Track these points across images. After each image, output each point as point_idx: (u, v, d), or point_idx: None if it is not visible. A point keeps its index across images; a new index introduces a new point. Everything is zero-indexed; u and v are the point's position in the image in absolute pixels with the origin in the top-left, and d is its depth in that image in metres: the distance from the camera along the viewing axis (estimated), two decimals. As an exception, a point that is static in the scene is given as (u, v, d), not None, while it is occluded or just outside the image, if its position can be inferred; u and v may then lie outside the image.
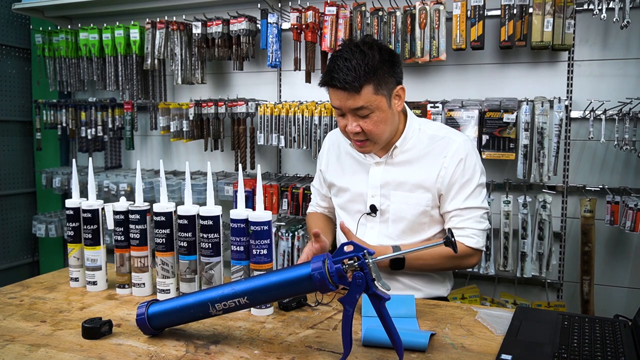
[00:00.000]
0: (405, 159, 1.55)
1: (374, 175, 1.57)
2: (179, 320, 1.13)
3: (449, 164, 1.51)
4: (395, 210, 1.55)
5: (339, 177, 1.66)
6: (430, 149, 1.54)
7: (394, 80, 1.45)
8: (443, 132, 1.57)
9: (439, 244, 1.05)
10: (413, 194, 1.53)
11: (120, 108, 3.04)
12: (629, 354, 0.99)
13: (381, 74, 1.40)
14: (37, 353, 1.06)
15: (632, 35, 2.26)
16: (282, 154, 2.91)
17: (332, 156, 1.71)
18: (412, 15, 2.38)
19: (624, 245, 2.35)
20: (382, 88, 1.41)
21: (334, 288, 0.99)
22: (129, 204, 1.41)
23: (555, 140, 2.22)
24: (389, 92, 1.44)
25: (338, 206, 1.69)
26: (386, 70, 1.41)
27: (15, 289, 1.48)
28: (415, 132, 1.56)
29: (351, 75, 1.37)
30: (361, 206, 1.59)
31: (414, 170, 1.53)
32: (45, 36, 3.09)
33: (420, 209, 1.53)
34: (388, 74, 1.42)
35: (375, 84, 1.40)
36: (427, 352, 1.05)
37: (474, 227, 1.52)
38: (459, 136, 1.57)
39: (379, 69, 1.39)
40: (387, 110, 1.44)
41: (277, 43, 2.60)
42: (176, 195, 2.81)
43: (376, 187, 1.56)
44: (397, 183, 1.54)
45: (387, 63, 1.42)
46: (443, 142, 1.54)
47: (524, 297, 2.46)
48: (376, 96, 1.41)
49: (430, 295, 1.58)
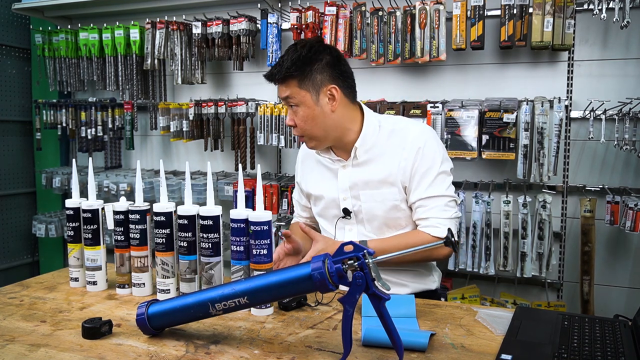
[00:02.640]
0: (369, 158, 1.56)
1: (342, 179, 1.58)
2: (179, 320, 1.12)
3: (407, 154, 1.51)
4: (366, 210, 1.56)
5: (314, 185, 1.68)
6: (390, 143, 1.55)
7: (327, 78, 1.49)
8: (401, 124, 1.59)
9: (439, 244, 1.05)
10: (380, 191, 1.54)
11: (120, 108, 3.04)
12: (629, 354, 0.99)
13: (308, 71, 1.47)
14: (37, 353, 1.06)
15: (632, 35, 2.26)
16: (282, 154, 2.91)
17: (306, 167, 1.73)
18: (412, 15, 2.38)
19: (624, 245, 2.35)
20: (306, 84, 1.47)
21: (334, 288, 0.99)
22: (129, 204, 1.41)
23: (555, 140, 2.22)
24: (316, 89, 1.48)
25: (317, 214, 1.71)
26: (317, 68, 1.47)
27: (15, 289, 1.48)
28: (375, 129, 1.56)
29: (277, 68, 1.48)
30: (336, 211, 1.61)
31: (378, 167, 1.54)
32: (45, 36, 3.09)
33: (390, 204, 1.54)
34: (318, 72, 1.47)
35: (300, 79, 1.47)
36: (427, 352, 1.05)
37: (438, 215, 1.50)
38: (417, 125, 1.58)
39: (306, 65, 1.46)
40: (314, 107, 1.49)
41: (277, 43, 2.60)
42: (176, 195, 2.81)
43: (345, 189, 1.58)
44: (363, 182, 1.55)
45: (320, 62, 1.48)
46: (401, 134, 1.55)
47: (524, 297, 2.46)
48: (300, 90, 1.48)
49: (419, 290, 1.59)
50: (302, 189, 1.75)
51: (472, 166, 2.49)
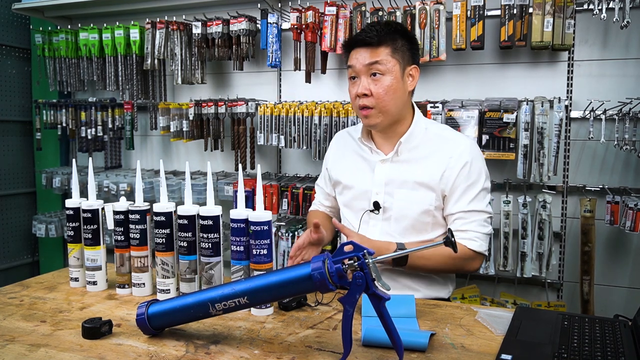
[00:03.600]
0: (411, 157, 1.56)
1: (380, 173, 1.57)
2: (179, 320, 1.13)
3: (454, 164, 1.51)
4: (398, 208, 1.55)
5: (345, 174, 1.67)
6: (436, 149, 1.55)
7: (410, 56, 1.52)
8: (450, 134, 1.60)
9: (439, 244, 1.05)
10: (417, 192, 1.53)
11: (120, 108, 3.04)
12: (629, 354, 0.99)
13: (400, 43, 1.50)
14: (37, 353, 1.06)
15: (632, 35, 2.26)
16: (282, 154, 2.91)
17: (338, 154, 1.72)
18: (412, 15, 2.38)
19: (624, 245, 2.35)
20: (398, 54, 1.50)
21: (334, 288, 0.99)
22: (129, 204, 1.41)
23: (555, 140, 2.22)
24: (404, 63, 1.51)
25: (343, 204, 1.69)
26: (405, 44, 1.51)
27: (15, 289, 1.48)
28: (422, 130, 1.57)
29: (373, 32, 1.48)
30: (365, 204, 1.60)
31: (419, 169, 1.54)
32: (45, 36, 3.09)
33: (424, 208, 1.53)
34: (406, 48, 1.51)
35: (393, 48, 1.49)
36: (427, 352, 1.05)
37: (477, 230, 1.52)
38: (466, 139, 1.59)
39: (398, 37, 1.50)
40: (399, 79, 1.50)
41: (277, 43, 2.60)
42: (176, 195, 2.81)
43: (381, 184, 1.57)
44: (401, 181, 1.55)
45: (407, 39, 1.52)
46: (451, 143, 1.55)
47: (524, 297, 2.46)
48: (392, 58, 1.48)
49: (429, 297, 1.57)
50: (331, 176, 1.73)
51: (472, 166, 2.49)
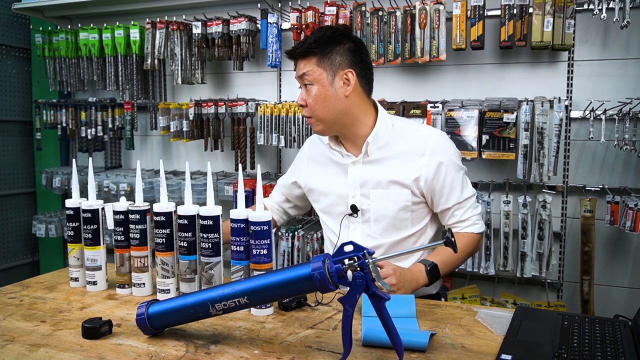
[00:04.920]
0: (382, 156, 1.56)
1: (353, 175, 1.58)
2: (179, 320, 1.12)
3: (428, 162, 1.52)
4: (375, 209, 1.56)
5: (318, 181, 1.66)
6: (406, 146, 1.55)
7: (344, 60, 1.50)
8: (417, 127, 1.62)
9: (439, 244, 1.05)
10: (392, 191, 1.54)
11: (120, 108, 3.04)
12: (629, 354, 0.99)
13: (329, 51, 1.49)
14: (37, 353, 1.06)
15: (632, 35, 2.26)
16: (282, 154, 2.91)
17: (312, 162, 1.71)
18: (412, 15, 2.38)
19: (624, 245, 2.35)
20: (324, 63, 1.49)
21: (334, 288, 0.99)
22: (129, 204, 1.41)
23: (555, 140, 2.22)
24: (333, 70, 1.49)
25: (320, 210, 1.69)
26: (338, 50, 1.49)
27: (15, 289, 1.48)
28: (388, 128, 1.57)
29: (300, 45, 1.52)
30: (343, 208, 1.60)
31: (391, 167, 1.54)
32: (45, 36, 3.09)
33: (400, 205, 1.54)
34: (339, 55, 1.49)
35: (320, 56, 1.49)
36: (427, 352, 1.05)
37: (475, 213, 1.59)
38: (434, 131, 1.60)
39: (328, 44, 1.49)
40: (328, 87, 1.49)
41: (277, 43, 2.60)
42: (176, 195, 2.81)
43: (355, 187, 1.57)
44: (375, 181, 1.55)
45: (343, 45, 1.50)
46: (419, 138, 1.56)
47: (524, 297, 2.46)
48: (318, 67, 1.49)
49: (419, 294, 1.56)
50: (305, 183, 1.71)
51: (472, 166, 2.49)
